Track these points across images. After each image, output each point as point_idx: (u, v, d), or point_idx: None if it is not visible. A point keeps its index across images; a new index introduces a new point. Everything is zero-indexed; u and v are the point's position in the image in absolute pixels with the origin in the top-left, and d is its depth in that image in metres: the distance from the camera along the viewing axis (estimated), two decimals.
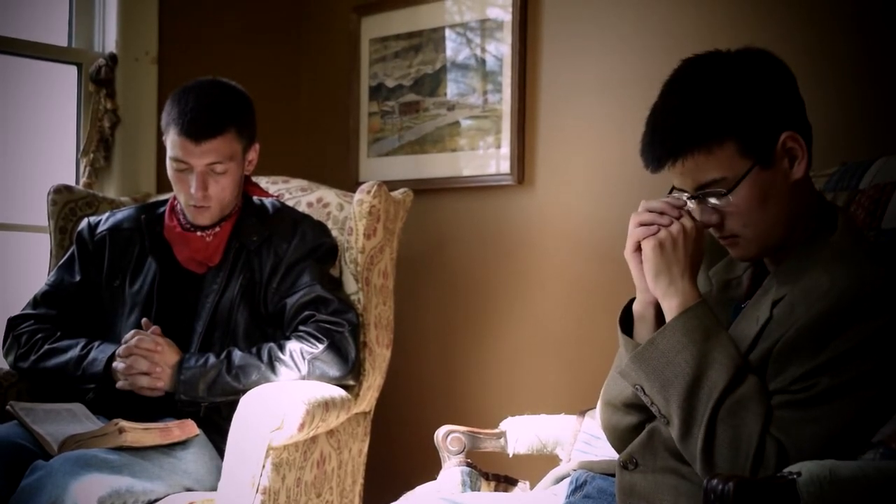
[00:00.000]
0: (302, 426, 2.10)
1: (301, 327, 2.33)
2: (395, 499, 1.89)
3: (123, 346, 2.26)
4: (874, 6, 2.23)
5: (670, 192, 1.62)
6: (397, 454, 2.98)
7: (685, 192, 1.58)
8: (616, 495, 1.62)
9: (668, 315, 1.56)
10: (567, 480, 1.81)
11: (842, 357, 1.45)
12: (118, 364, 2.26)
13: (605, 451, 1.90)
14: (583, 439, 2.13)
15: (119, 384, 2.26)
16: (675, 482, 1.58)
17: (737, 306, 1.66)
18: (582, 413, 2.18)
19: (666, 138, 1.55)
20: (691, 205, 1.59)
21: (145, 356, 2.24)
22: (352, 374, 2.36)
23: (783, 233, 1.58)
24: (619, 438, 1.71)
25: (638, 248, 1.59)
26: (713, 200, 1.56)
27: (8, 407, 2.20)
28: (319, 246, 2.42)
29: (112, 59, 2.97)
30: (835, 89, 2.23)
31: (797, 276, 1.54)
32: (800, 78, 1.61)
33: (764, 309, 1.55)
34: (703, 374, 1.49)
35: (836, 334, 1.45)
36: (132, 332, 2.28)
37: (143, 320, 2.32)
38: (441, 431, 2.13)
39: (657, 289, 1.57)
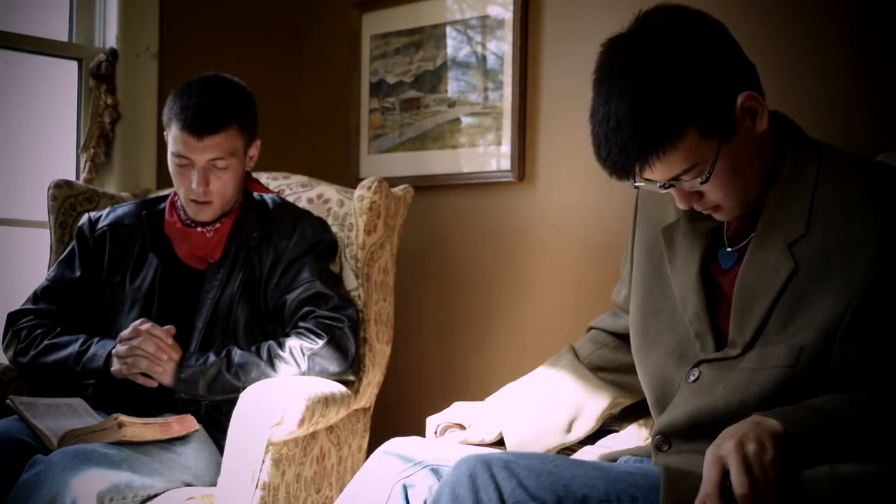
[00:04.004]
0: (302, 422, 2.09)
1: (301, 323, 2.33)
2: None
3: (125, 348, 2.26)
4: (874, 2, 2.23)
5: (636, 187, 1.57)
6: None
7: (655, 182, 1.54)
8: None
9: None
10: None
11: None
12: (116, 367, 2.26)
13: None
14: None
15: (114, 368, 2.25)
16: None
17: (723, 251, 1.63)
18: None
19: (623, 151, 1.49)
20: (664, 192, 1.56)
21: (146, 357, 2.24)
22: (351, 369, 2.36)
23: (763, 183, 1.57)
24: None
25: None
26: (689, 184, 1.53)
27: (8, 401, 2.19)
28: (319, 242, 2.42)
29: (113, 54, 2.97)
30: (835, 85, 2.22)
31: (798, 206, 1.52)
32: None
33: (777, 254, 1.53)
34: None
35: None
36: (129, 329, 2.27)
37: (164, 326, 2.29)
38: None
39: None
